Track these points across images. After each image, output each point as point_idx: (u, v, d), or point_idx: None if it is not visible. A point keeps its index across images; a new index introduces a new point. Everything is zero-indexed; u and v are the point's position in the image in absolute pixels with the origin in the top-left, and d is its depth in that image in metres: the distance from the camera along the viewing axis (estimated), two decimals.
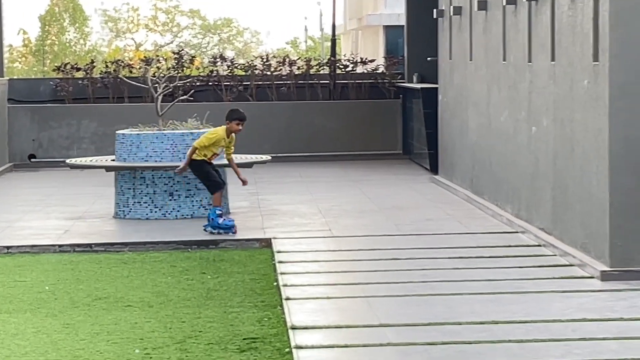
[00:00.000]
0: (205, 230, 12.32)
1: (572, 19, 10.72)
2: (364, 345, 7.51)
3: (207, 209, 14.11)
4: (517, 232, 12.53)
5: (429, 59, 20.05)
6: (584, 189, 10.29)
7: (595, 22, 10.01)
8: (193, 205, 14.07)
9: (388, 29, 35.70)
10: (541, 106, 11.84)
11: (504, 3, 13.35)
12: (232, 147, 11.76)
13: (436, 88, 18.62)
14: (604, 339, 7.51)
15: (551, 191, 11.43)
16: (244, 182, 11.77)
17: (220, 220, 10.83)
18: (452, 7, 17.09)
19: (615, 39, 9.62)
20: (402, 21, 23.50)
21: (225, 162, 12.72)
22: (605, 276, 9.48)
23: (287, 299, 9.06)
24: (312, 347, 7.46)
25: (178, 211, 14.00)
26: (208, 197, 14.14)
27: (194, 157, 11.22)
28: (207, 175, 11.12)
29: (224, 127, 11.65)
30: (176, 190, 14.03)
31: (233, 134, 11.86)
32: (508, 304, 8.33)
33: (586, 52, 10.24)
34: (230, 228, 11.02)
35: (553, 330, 7.61)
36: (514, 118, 12.92)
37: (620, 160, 9.61)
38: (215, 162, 12.31)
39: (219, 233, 11.84)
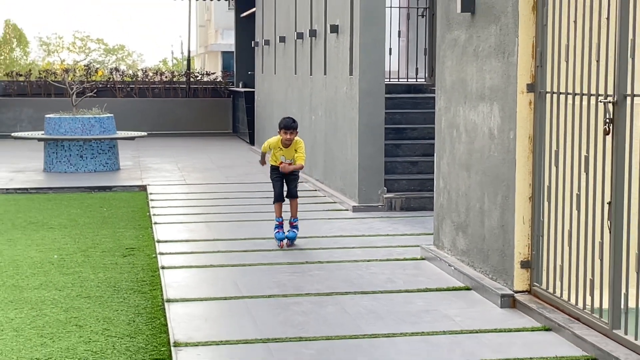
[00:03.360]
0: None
1: (337, 48, 10.82)
2: (204, 252, 7.60)
3: (104, 167, 13.89)
4: (301, 182, 12.63)
5: (249, 72, 20.05)
6: (343, 155, 10.43)
7: (351, 51, 10.14)
8: (96, 164, 13.76)
9: (224, 53, 35.47)
10: (318, 103, 11.93)
11: (295, 38, 13.40)
12: (300, 154, 7.75)
13: (253, 91, 18.64)
14: (352, 247, 7.70)
15: (323, 156, 11.54)
16: (299, 167, 7.88)
17: (275, 231, 7.71)
18: (263, 40, 17.11)
19: (362, 61, 9.76)
20: (233, 48, 23.46)
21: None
22: (355, 209, 9.64)
23: (155, 223, 9.06)
24: (170, 253, 7.50)
25: (86, 167, 13.70)
26: (106, 158, 13.92)
27: (270, 162, 7.94)
28: (273, 184, 7.85)
29: (279, 137, 7.80)
30: (84, 154, 13.74)
31: (295, 141, 7.70)
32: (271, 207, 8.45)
33: (345, 69, 10.36)
34: (277, 240, 7.64)
35: (322, 243, 7.78)
36: (301, 110, 12.98)
37: (364, 137, 9.77)
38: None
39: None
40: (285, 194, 7.81)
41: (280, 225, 7.65)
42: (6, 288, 6.57)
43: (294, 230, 7.76)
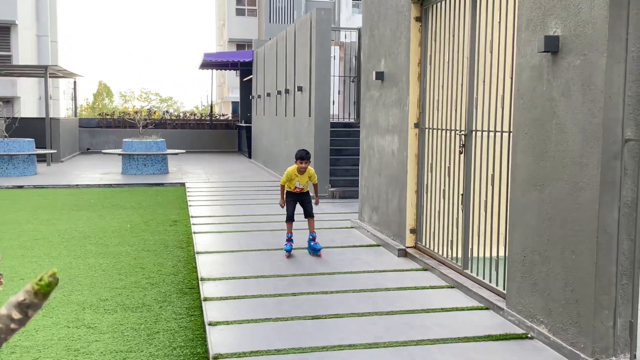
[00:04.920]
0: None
1: (301, 100, 10.80)
2: (219, 223, 7.46)
3: (159, 171, 13.70)
4: (278, 179, 12.52)
5: (248, 114, 19.89)
6: None
7: (309, 102, 10.13)
8: (154, 169, 13.53)
9: (233, 102, 35.04)
10: (290, 133, 11.89)
11: (276, 93, 13.35)
12: (313, 179, 5.88)
13: (250, 125, 18.48)
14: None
15: (284, 164, 11.47)
16: (316, 203, 5.92)
17: (285, 243, 5.73)
18: (257, 94, 16.99)
19: (316, 108, 9.76)
20: (238, 99, 23.23)
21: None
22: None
23: (190, 205, 8.88)
24: (199, 224, 7.35)
25: (147, 171, 13.48)
26: (160, 166, 13.74)
27: (286, 189, 5.85)
28: (286, 206, 5.82)
29: (295, 166, 5.84)
30: (146, 163, 13.52)
31: (308, 169, 5.83)
32: (260, 195, 8.33)
33: (306, 113, 10.35)
34: (286, 251, 5.67)
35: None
36: (280, 137, 12.95)
37: (318, 154, 9.74)
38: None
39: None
40: (304, 214, 5.89)
41: (289, 240, 5.73)
42: (97, 245, 6.47)
43: (317, 243, 5.78)
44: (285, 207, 5.85)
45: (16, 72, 19.23)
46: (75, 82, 20.82)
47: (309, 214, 5.86)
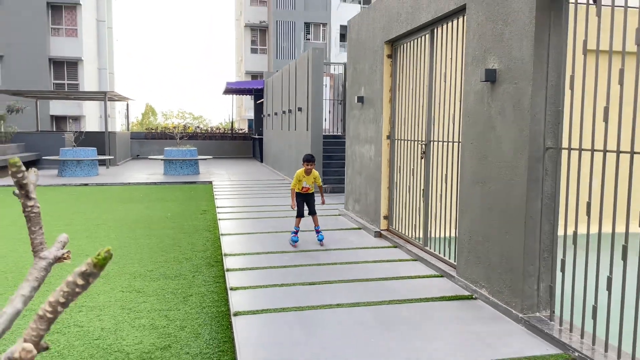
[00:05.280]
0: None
1: (301, 118, 10.75)
2: (238, 212, 7.39)
3: (192, 172, 13.62)
4: (284, 178, 12.49)
5: (260, 129, 19.77)
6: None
7: (307, 119, 10.08)
8: (188, 171, 13.45)
9: (249, 120, 34.85)
10: (292, 143, 11.83)
11: (282, 113, 13.29)
12: (317, 180, 5.35)
13: (262, 137, 18.39)
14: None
15: (294, 169, 11.45)
16: (322, 202, 5.41)
17: (292, 235, 5.24)
18: (267, 113, 16.91)
19: (312, 124, 9.71)
20: (253, 117, 23.09)
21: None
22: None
23: (216, 199, 8.79)
24: (223, 212, 7.26)
25: (183, 172, 13.41)
26: (193, 168, 13.66)
27: (295, 190, 5.34)
28: (297, 205, 5.36)
29: (302, 169, 5.34)
30: (182, 166, 13.45)
31: (313, 172, 5.31)
32: (270, 191, 8.26)
33: (304, 127, 10.30)
34: (292, 242, 5.20)
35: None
36: (284, 146, 12.89)
37: (315, 159, 9.71)
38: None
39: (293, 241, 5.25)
40: (307, 212, 5.44)
41: (296, 233, 5.28)
42: (145, 229, 6.44)
43: (321, 233, 5.35)
44: (296, 207, 5.42)
45: (82, 97, 19.15)
46: (127, 104, 20.74)
47: (312, 212, 5.45)
